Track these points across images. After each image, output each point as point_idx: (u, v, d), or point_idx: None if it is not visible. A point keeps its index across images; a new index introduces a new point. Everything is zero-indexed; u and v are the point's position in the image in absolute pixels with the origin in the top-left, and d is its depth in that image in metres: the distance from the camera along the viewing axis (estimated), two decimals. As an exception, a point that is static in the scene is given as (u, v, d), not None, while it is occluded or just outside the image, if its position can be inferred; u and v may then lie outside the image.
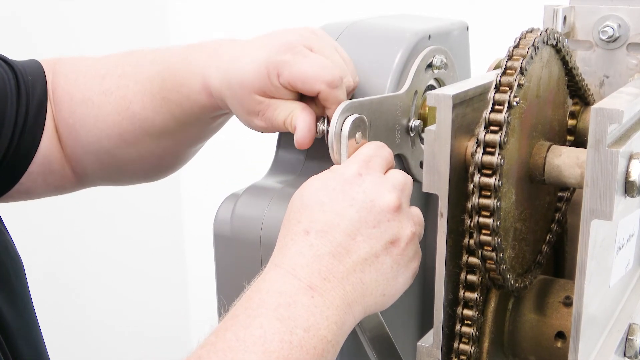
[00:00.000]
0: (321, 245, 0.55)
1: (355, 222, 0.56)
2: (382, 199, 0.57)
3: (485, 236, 0.56)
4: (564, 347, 0.63)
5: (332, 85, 0.62)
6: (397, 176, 0.60)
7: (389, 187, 0.58)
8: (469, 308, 0.60)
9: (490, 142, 0.54)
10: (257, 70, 0.64)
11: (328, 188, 0.57)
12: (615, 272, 0.62)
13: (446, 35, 0.74)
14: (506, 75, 0.55)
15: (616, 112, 0.49)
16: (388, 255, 0.57)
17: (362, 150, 0.60)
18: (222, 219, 0.68)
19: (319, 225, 0.56)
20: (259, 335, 0.52)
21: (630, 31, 0.71)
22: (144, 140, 0.75)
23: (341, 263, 0.55)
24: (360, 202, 0.56)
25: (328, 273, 0.55)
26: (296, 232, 0.56)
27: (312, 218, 0.56)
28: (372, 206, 0.57)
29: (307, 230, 0.56)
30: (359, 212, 0.56)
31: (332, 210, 0.56)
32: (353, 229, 0.56)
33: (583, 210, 0.52)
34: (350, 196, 0.56)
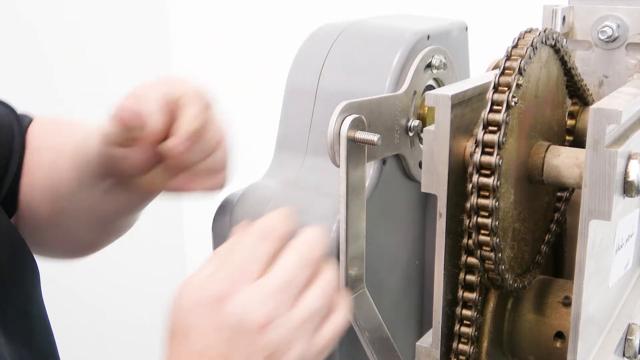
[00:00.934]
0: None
1: (225, 348, 0.51)
2: (248, 316, 0.52)
3: (484, 236, 0.56)
4: (563, 347, 0.63)
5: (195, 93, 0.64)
6: (275, 277, 0.53)
7: (257, 298, 0.52)
8: (468, 308, 0.60)
9: (488, 142, 0.54)
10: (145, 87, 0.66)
11: (190, 312, 0.53)
12: (614, 272, 0.62)
13: (445, 35, 0.74)
14: (504, 76, 0.55)
15: (615, 112, 0.49)
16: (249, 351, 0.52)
17: (236, 253, 0.55)
18: (221, 218, 0.68)
19: (188, 357, 0.52)
20: None
21: (630, 31, 0.71)
22: (59, 201, 0.75)
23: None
24: (227, 326, 0.52)
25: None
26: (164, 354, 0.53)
27: (180, 349, 0.52)
28: (240, 326, 0.52)
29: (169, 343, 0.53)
30: (228, 337, 0.51)
31: (199, 339, 0.52)
32: (225, 355, 0.51)
33: (582, 210, 0.52)
34: (216, 322, 0.52)
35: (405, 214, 0.74)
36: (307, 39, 0.72)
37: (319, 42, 0.71)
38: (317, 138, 0.69)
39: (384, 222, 0.69)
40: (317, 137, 0.69)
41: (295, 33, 0.84)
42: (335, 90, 0.69)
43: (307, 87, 0.70)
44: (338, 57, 0.70)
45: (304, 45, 0.72)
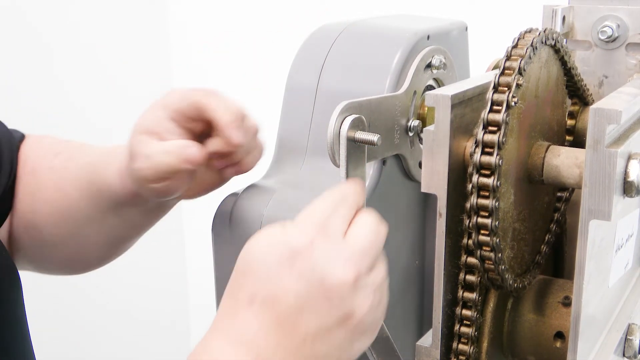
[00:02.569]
0: (266, 318, 0.50)
1: (303, 297, 0.50)
2: (333, 274, 0.51)
3: (484, 236, 0.56)
4: (563, 347, 0.63)
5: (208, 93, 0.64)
6: (359, 241, 0.53)
7: (344, 258, 0.51)
8: (468, 308, 0.60)
9: (488, 142, 0.54)
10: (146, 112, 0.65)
11: (275, 255, 0.51)
12: (614, 272, 0.62)
13: (445, 35, 0.74)
14: (504, 76, 0.55)
15: (615, 112, 0.49)
16: (341, 328, 0.52)
17: (321, 207, 0.54)
18: (221, 218, 0.68)
19: (263, 296, 0.51)
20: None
21: (629, 31, 0.71)
22: (68, 223, 0.75)
23: (288, 337, 0.51)
24: (309, 276, 0.50)
25: (276, 345, 0.50)
26: (239, 299, 0.51)
27: (257, 287, 0.51)
28: (322, 283, 0.50)
29: (251, 299, 0.51)
30: (308, 287, 0.50)
31: (278, 281, 0.51)
32: (301, 303, 0.50)
33: (582, 210, 0.52)
34: (298, 268, 0.50)
35: (405, 214, 0.74)
36: (307, 39, 0.72)
37: (319, 42, 0.71)
38: (317, 138, 0.69)
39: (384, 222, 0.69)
40: (317, 137, 0.69)
41: (295, 33, 0.84)
42: (335, 90, 0.69)
43: (307, 87, 0.70)
44: (338, 57, 0.70)
45: (304, 45, 0.72)
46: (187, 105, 0.65)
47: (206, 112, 0.64)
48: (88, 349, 1.76)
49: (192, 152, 0.63)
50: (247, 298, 0.51)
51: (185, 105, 0.65)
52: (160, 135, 0.65)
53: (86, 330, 1.75)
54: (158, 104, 0.66)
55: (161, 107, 0.66)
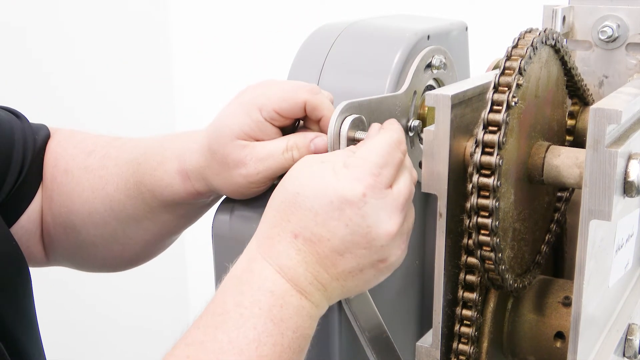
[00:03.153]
0: (308, 253, 0.55)
1: (346, 242, 0.54)
2: (380, 226, 0.55)
3: (484, 236, 0.56)
4: (563, 347, 0.63)
5: (314, 92, 0.62)
6: (402, 192, 0.56)
7: (390, 211, 0.55)
8: (468, 308, 0.60)
9: (488, 142, 0.54)
10: (234, 114, 0.63)
11: (325, 199, 0.54)
12: (614, 272, 0.62)
13: (445, 35, 0.74)
14: (505, 76, 0.55)
15: (615, 112, 0.49)
16: (373, 269, 0.56)
17: (378, 152, 0.56)
18: (221, 218, 0.68)
19: (308, 234, 0.54)
20: (252, 338, 0.51)
21: (629, 31, 0.71)
22: (110, 224, 0.74)
23: (326, 272, 0.55)
24: (357, 225, 0.54)
25: (313, 278, 0.55)
26: (284, 229, 0.55)
27: (303, 224, 0.54)
28: (368, 232, 0.54)
29: (296, 234, 0.54)
30: (353, 235, 0.54)
31: (325, 224, 0.54)
32: (343, 247, 0.55)
33: (582, 210, 0.52)
34: (348, 217, 0.54)
35: (405, 214, 0.74)
36: (307, 39, 0.72)
37: (319, 42, 0.71)
38: (317, 138, 0.69)
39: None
40: (317, 137, 0.69)
41: (295, 33, 0.84)
42: (335, 90, 0.68)
43: (307, 87, 0.70)
44: (338, 57, 0.70)
45: (304, 45, 0.72)
46: (290, 105, 0.62)
47: (317, 111, 0.62)
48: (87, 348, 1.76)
49: (320, 142, 0.62)
50: (292, 231, 0.55)
51: (287, 106, 0.62)
52: (257, 138, 0.62)
53: (85, 329, 1.75)
54: (249, 105, 0.63)
55: (255, 108, 0.62)
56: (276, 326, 0.52)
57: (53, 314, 1.63)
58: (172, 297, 1.98)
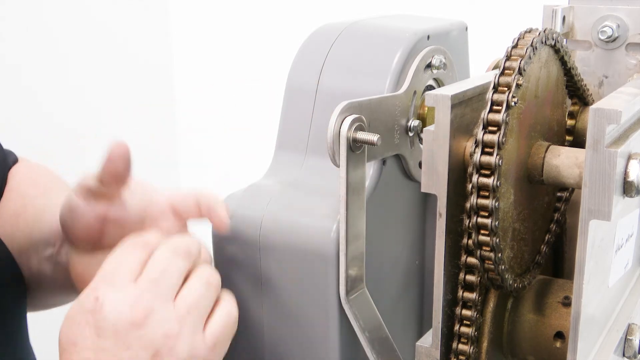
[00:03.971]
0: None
1: (95, 343, 0.51)
2: (109, 305, 0.51)
3: (484, 236, 0.56)
4: (562, 347, 0.63)
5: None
6: (150, 269, 0.53)
7: (131, 298, 0.52)
8: (468, 308, 0.60)
9: (488, 142, 0.54)
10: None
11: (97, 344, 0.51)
12: (614, 272, 0.62)
13: (445, 35, 0.74)
14: (504, 76, 0.55)
15: (615, 113, 0.49)
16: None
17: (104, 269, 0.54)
18: (221, 219, 0.68)
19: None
20: None
21: (629, 31, 0.71)
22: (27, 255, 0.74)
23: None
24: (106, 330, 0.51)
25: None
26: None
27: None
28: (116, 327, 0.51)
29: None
30: (110, 343, 0.51)
31: (70, 334, 0.52)
32: (96, 348, 0.51)
33: (581, 210, 0.52)
34: (94, 327, 0.51)
35: (405, 214, 0.74)
36: (307, 39, 0.72)
37: (319, 42, 0.71)
38: (317, 138, 0.69)
39: (384, 222, 0.69)
40: (317, 137, 0.69)
41: (295, 33, 0.84)
42: (335, 90, 0.68)
43: (307, 87, 0.70)
44: (338, 57, 0.70)
45: (304, 45, 0.72)
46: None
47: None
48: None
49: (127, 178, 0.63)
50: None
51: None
52: None
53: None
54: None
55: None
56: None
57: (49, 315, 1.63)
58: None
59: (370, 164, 0.65)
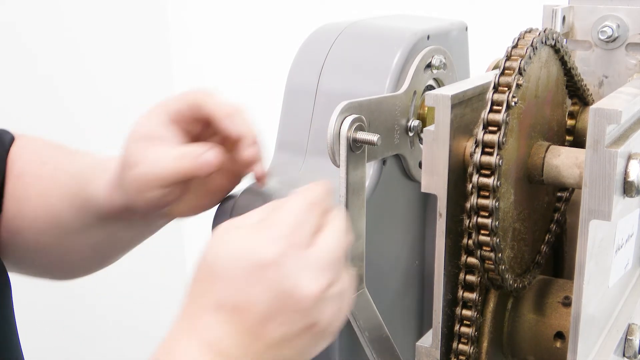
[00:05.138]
0: (234, 324, 0.51)
1: (272, 307, 0.51)
2: (301, 287, 0.51)
3: (484, 236, 0.56)
4: (563, 347, 0.63)
5: (205, 92, 0.63)
6: (325, 253, 0.53)
7: (312, 271, 0.52)
8: (468, 308, 0.60)
9: (488, 142, 0.54)
10: (143, 116, 0.65)
11: (240, 264, 0.51)
12: (614, 272, 0.62)
13: (445, 35, 0.74)
14: (504, 76, 0.55)
15: (615, 113, 0.49)
16: (305, 335, 0.52)
17: (292, 212, 0.53)
18: (221, 218, 0.68)
19: (231, 304, 0.51)
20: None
21: (629, 31, 0.71)
22: (51, 233, 0.74)
23: (253, 343, 0.51)
24: (278, 288, 0.51)
25: (245, 349, 0.51)
26: (205, 305, 0.52)
27: (224, 294, 0.51)
28: (290, 295, 0.51)
29: (217, 305, 0.51)
30: (276, 299, 0.51)
31: (245, 291, 0.51)
32: (269, 313, 0.51)
33: (582, 210, 0.52)
34: (268, 280, 0.51)
35: (405, 214, 0.74)
36: (307, 39, 0.72)
37: (319, 42, 0.71)
38: (317, 138, 0.69)
39: (384, 222, 0.69)
40: (317, 137, 0.69)
41: (295, 33, 0.84)
42: (335, 90, 0.69)
43: (307, 87, 0.70)
44: (338, 57, 0.70)
45: (304, 45, 0.72)
46: (185, 106, 0.64)
47: (203, 109, 0.63)
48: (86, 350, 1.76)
49: (209, 156, 0.62)
50: (213, 304, 0.51)
51: (184, 107, 0.64)
52: (162, 141, 0.63)
53: (84, 330, 1.75)
54: (155, 109, 0.65)
55: (159, 111, 0.65)
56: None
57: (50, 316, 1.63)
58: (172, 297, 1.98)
59: (370, 164, 0.65)
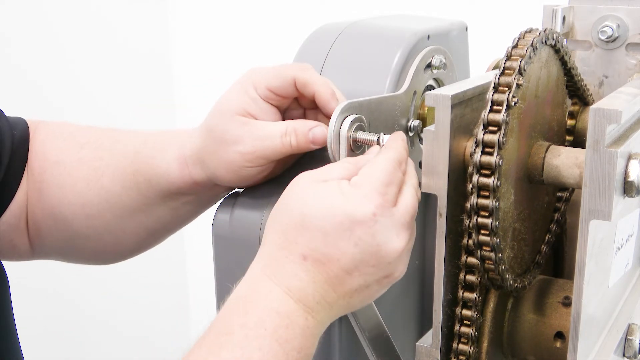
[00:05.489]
0: (317, 273, 0.54)
1: (356, 261, 0.54)
2: (389, 244, 0.55)
3: (484, 236, 0.56)
4: (563, 347, 0.63)
5: (303, 68, 0.63)
6: (408, 209, 0.56)
7: (398, 228, 0.55)
8: (468, 308, 0.60)
9: (488, 142, 0.54)
10: (234, 92, 0.64)
11: (335, 219, 0.54)
12: (614, 272, 0.62)
13: (445, 35, 0.74)
14: (505, 76, 0.55)
15: (615, 112, 0.49)
16: (379, 284, 0.57)
17: (379, 173, 0.55)
18: (221, 219, 0.68)
19: (317, 254, 0.54)
20: (257, 359, 0.51)
21: (629, 31, 0.71)
22: (104, 217, 0.73)
23: (334, 291, 0.55)
24: (366, 244, 0.54)
25: (321, 297, 0.55)
26: (292, 252, 0.55)
27: (312, 245, 0.54)
28: (378, 250, 0.55)
29: (305, 255, 0.54)
30: (362, 254, 0.54)
31: (335, 244, 0.54)
32: (352, 266, 0.54)
33: (582, 210, 0.52)
34: (358, 236, 0.54)
35: (405, 214, 0.74)
36: (307, 39, 0.72)
37: (319, 42, 0.71)
38: (317, 138, 0.69)
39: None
40: (317, 137, 0.69)
41: (295, 33, 0.84)
42: (336, 90, 0.68)
43: (307, 87, 0.70)
44: (338, 57, 0.70)
45: (304, 45, 0.72)
46: (279, 82, 0.63)
47: (308, 87, 0.63)
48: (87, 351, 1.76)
49: (319, 132, 0.62)
50: (300, 252, 0.54)
51: (277, 82, 0.63)
52: (257, 116, 0.63)
53: (84, 331, 1.75)
54: (245, 84, 0.64)
55: (248, 87, 0.64)
56: (281, 347, 0.52)
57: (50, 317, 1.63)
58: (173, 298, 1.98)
59: (371, 164, 0.65)
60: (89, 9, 1.64)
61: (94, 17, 1.66)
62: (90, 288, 1.71)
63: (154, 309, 1.90)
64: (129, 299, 1.83)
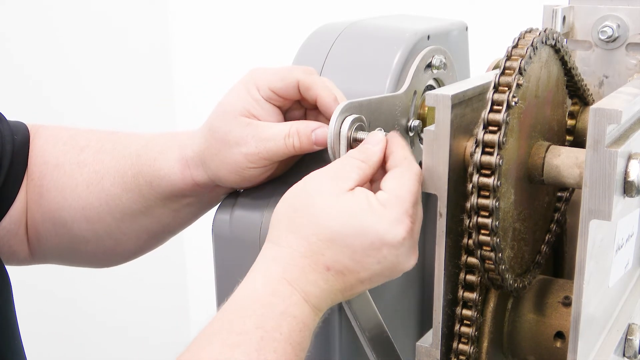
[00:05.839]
0: (335, 282, 0.56)
1: (373, 274, 0.57)
2: (406, 263, 0.58)
3: (484, 236, 0.56)
4: (563, 347, 0.63)
5: (307, 72, 0.63)
6: (419, 225, 0.59)
7: (414, 246, 0.58)
8: (468, 308, 0.60)
9: (489, 142, 0.54)
10: (236, 92, 0.64)
11: (366, 240, 0.55)
12: (614, 272, 0.62)
13: (445, 35, 0.74)
14: (505, 76, 0.55)
15: (615, 112, 0.49)
16: (385, 278, 0.59)
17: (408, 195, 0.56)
18: (221, 219, 0.68)
19: (340, 267, 0.56)
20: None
21: (630, 31, 0.71)
22: (104, 220, 0.73)
23: (342, 294, 0.58)
24: (388, 262, 0.56)
25: (331, 302, 0.57)
26: (317, 262, 0.56)
27: (338, 258, 0.56)
28: (395, 267, 0.57)
29: (329, 266, 0.56)
30: (381, 269, 0.57)
31: (360, 260, 0.56)
32: (367, 277, 0.57)
33: (582, 210, 0.52)
34: (383, 255, 0.56)
35: (405, 214, 0.74)
36: (307, 39, 0.72)
37: (319, 42, 0.71)
38: (317, 138, 0.69)
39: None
40: (317, 137, 0.69)
41: (295, 33, 0.84)
42: (335, 90, 0.68)
43: (307, 87, 0.70)
44: (338, 57, 0.70)
45: (304, 46, 0.72)
46: (282, 84, 0.63)
47: (311, 91, 0.63)
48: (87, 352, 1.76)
49: (322, 133, 0.63)
50: (325, 263, 0.56)
51: (279, 84, 0.63)
52: (259, 117, 0.64)
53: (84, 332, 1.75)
54: (248, 84, 0.64)
55: (250, 88, 0.64)
56: (294, 349, 0.53)
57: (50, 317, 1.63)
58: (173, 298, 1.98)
59: (371, 164, 0.65)
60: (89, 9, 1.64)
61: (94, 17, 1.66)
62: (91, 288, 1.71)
63: (154, 309, 1.90)
64: (129, 299, 1.83)
